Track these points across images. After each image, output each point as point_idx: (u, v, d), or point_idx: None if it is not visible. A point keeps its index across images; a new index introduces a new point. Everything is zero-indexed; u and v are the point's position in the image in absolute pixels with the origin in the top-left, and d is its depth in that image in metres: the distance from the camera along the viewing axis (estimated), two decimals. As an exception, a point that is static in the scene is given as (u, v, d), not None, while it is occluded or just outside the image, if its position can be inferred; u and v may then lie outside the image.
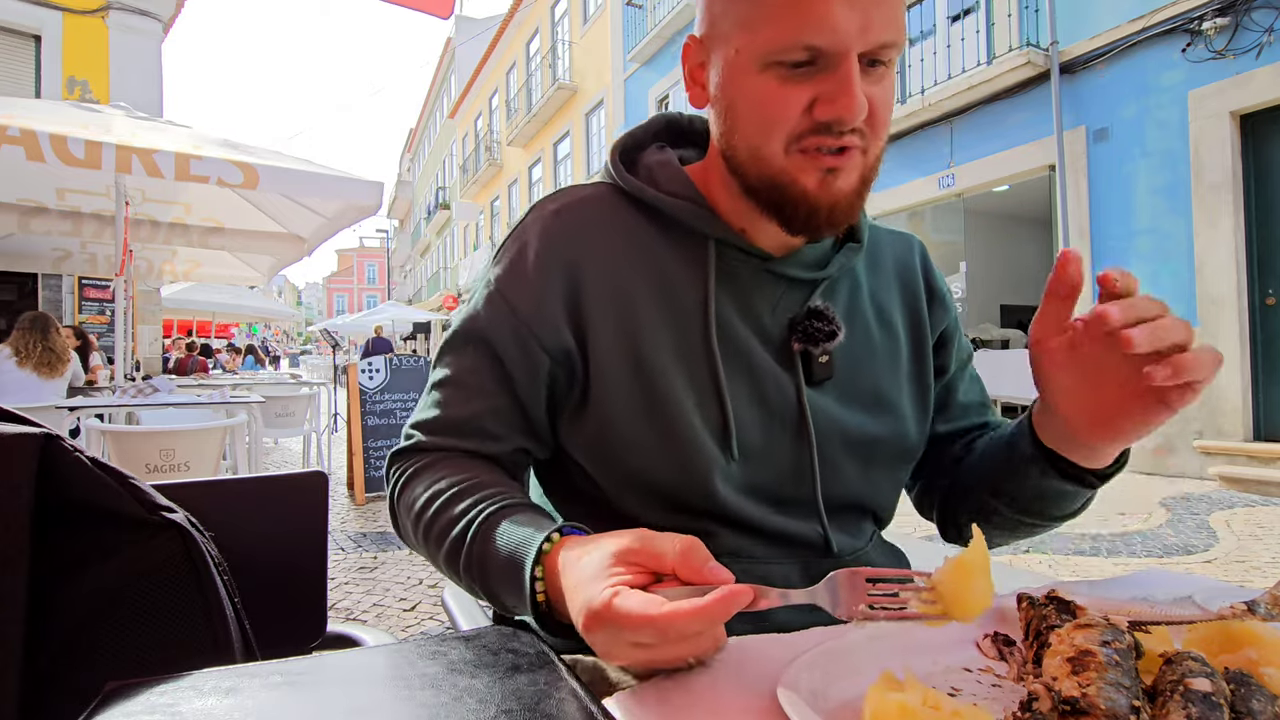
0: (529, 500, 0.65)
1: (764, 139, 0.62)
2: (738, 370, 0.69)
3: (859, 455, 0.72)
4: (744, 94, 0.62)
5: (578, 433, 0.70)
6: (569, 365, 0.69)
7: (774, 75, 0.60)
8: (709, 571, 0.47)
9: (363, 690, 0.41)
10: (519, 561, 0.55)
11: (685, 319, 0.69)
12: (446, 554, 0.62)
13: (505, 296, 0.69)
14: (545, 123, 17.54)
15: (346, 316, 25.72)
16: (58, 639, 0.54)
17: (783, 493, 0.70)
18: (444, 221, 28.32)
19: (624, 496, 0.69)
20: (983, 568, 0.45)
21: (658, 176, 0.73)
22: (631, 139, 0.79)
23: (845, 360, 0.73)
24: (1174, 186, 5.57)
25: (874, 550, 0.77)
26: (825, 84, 0.59)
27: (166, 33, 9.29)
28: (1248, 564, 3.28)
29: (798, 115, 0.60)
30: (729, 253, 0.70)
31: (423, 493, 0.66)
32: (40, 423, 0.55)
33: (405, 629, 2.68)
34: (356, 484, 5.00)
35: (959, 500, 0.80)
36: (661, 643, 0.44)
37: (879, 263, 0.81)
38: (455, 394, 0.70)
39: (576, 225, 0.70)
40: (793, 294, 0.72)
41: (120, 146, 3.03)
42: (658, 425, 0.66)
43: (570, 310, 0.68)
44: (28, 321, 4.45)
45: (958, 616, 0.46)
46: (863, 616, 0.47)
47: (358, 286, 63.73)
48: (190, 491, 0.76)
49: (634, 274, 0.69)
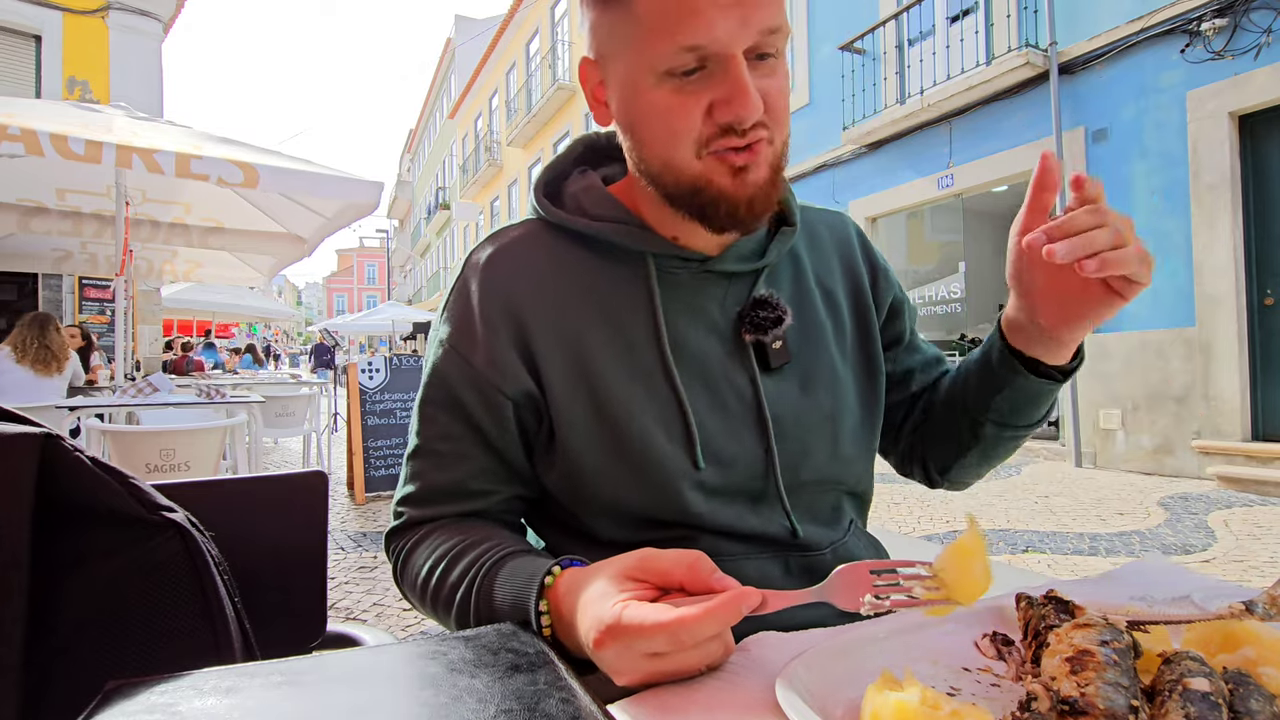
0: (524, 545, 0.66)
1: (673, 150, 0.63)
2: (695, 376, 0.69)
3: (826, 435, 0.73)
4: (644, 110, 0.63)
5: (550, 469, 0.70)
6: (533, 406, 0.69)
7: (669, 87, 0.61)
8: (716, 581, 0.47)
9: (363, 690, 0.41)
10: (523, 602, 0.55)
11: (634, 337, 0.69)
12: (457, 619, 0.63)
13: (459, 352, 0.69)
14: (545, 123, 17.53)
15: (346, 316, 25.72)
16: (58, 638, 0.54)
17: (752, 489, 0.70)
18: (444, 221, 28.31)
19: (598, 522, 0.70)
20: (980, 550, 0.48)
21: (584, 203, 0.73)
22: (554, 170, 0.79)
23: (800, 342, 0.74)
24: (1173, 187, 5.57)
25: (853, 541, 0.77)
26: (719, 88, 0.60)
27: (166, 33, 9.29)
28: (1246, 564, 3.28)
29: (699, 122, 0.61)
30: (667, 262, 0.71)
31: (422, 565, 0.67)
32: (40, 422, 0.55)
33: (405, 629, 2.68)
34: (356, 484, 5.00)
35: (938, 438, 0.83)
36: (675, 650, 0.44)
37: (817, 241, 0.82)
38: (431, 463, 0.70)
39: (511, 267, 0.71)
40: (737, 288, 0.73)
41: (120, 146, 3.03)
42: (623, 452, 0.67)
43: (523, 354, 0.68)
44: (28, 319, 4.48)
45: (961, 600, 0.48)
46: (870, 607, 0.48)
47: (358, 286, 63.68)
48: (190, 491, 0.75)
49: (576, 306, 0.69)
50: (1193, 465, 5.43)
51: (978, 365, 0.76)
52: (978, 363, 0.76)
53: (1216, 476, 5.13)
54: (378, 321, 18.56)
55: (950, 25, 7.34)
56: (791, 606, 0.49)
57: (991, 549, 3.66)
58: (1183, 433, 5.50)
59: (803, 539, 0.71)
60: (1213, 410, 5.35)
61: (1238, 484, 4.97)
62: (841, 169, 8.61)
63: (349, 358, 11.28)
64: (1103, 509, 4.47)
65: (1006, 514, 4.36)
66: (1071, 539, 3.77)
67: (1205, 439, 5.35)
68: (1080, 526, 4.03)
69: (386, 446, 5.13)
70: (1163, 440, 5.63)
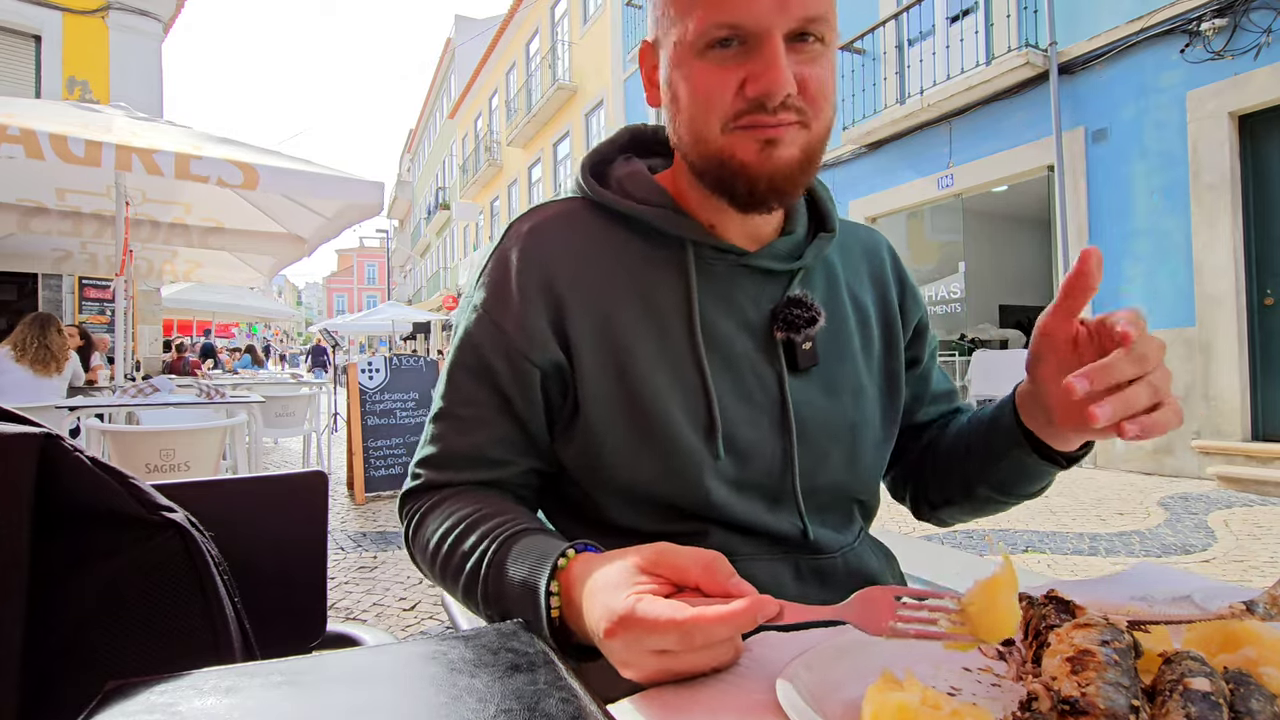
0: (539, 524, 0.65)
1: (703, 121, 0.64)
2: (723, 367, 0.70)
3: (844, 442, 0.73)
4: (684, 82, 0.65)
5: (568, 445, 0.70)
6: (560, 378, 0.69)
7: (710, 61, 0.63)
8: (733, 586, 0.47)
9: (363, 690, 0.41)
10: (534, 581, 0.55)
11: (668, 321, 0.69)
12: (464, 589, 0.63)
13: (492, 318, 0.69)
14: (545, 123, 17.54)
15: (346, 316, 25.73)
16: (57, 639, 0.54)
17: (770, 486, 0.70)
18: (444, 221, 28.30)
19: (614, 505, 0.70)
20: (1011, 588, 0.46)
21: (628, 186, 0.74)
22: (599, 154, 0.80)
23: (827, 347, 0.74)
24: (1172, 187, 5.57)
25: (863, 547, 0.77)
26: (754, 64, 0.61)
27: (166, 33, 9.30)
28: (1246, 564, 3.28)
29: (731, 95, 0.62)
30: (705, 252, 0.72)
31: (434, 532, 0.67)
32: (40, 422, 0.55)
33: (405, 628, 2.68)
34: (356, 484, 5.00)
35: (934, 480, 0.83)
36: (685, 649, 0.43)
37: (850, 254, 0.83)
38: (453, 426, 0.71)
39: (552, 241, 0.71)
40: (771, 285, 0.73)
41: (120, 146, 3.03)
42: (645, 433, 0.67)
43: (555, 326, 0.68)
44: (29, 319, 4.48)
45: (986, 638, 0.46)
46: (891, 634, 0.47)
47: (357, 286, 63.68)
48: (190, 491, 0.75)
49: (612, 285, 0.70)
50: (1193, 465, 5.43)
51: (985, 427, 0.75)
52: (985, 424, 0.75)
53: (1216, 476, 5.13)
54: (378, 321, 18.56)
55: (950, 25, 7.34)
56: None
57: (991, 549, 3.66)
58: (1183, 433, 5.50)
59: (814, 541, 0.71)
60: (1213, 410, 5.35)
61: (1238, 484, 4.97)
62: (841, 169, 8.62)
63: (349, 358, 11.30)
64: (1103, 509, 4.47)
65: (1006, 514, 4.36)
66: (1071, 539, 3.77)
67: (1205, 439, 5.35)
68: (1080, 526, 4.03)
69: (386, 446, 5.13)
70: (1163, 440, 5.63)
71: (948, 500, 0.82)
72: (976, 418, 0.79)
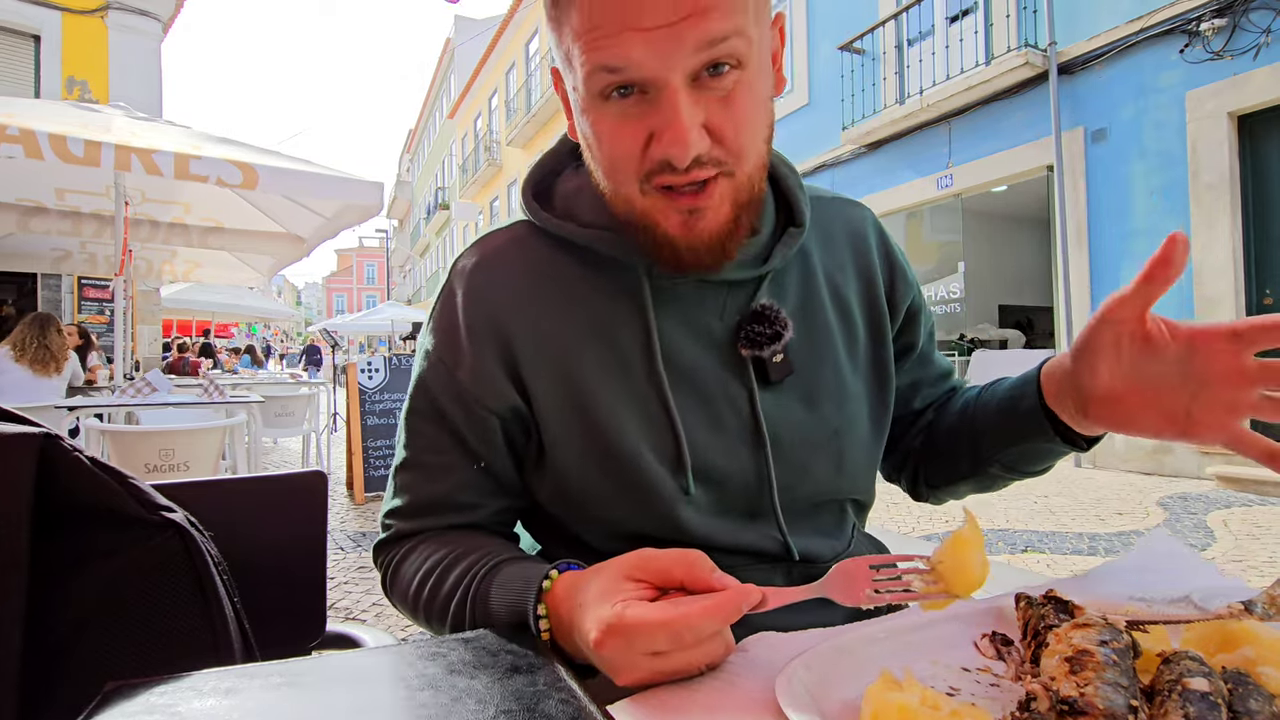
0: (518, 551, 0.64)
1: (617, 179, 0.58)
2: (689, 392, 0.66)
3: (828, 449, 0.69)
4: (591, 129, 0.58)
5: (541, 484, 0.69)
6: (521, 422, 0.67)
7: (610, 110, 0.55)
8: (716, 580, 0.47)
9: (363, 690, 0.41)
10: (521, 607, 0.54)
11: (628, 356, 0.65)
12: (452, 628, 0.62)
13: (444, 364, 0.66)
14: (545, 123, 17.52)
15: (346, 316, 25.72)
16: (57, 639, 0.54)
17: (746, 506, 0.68)
18: (443, 221, 28.30)
19: (593, 534, 0.69)
20: (977, 543, 0.49)
21: (575, 207, 0.69)
22: (543, 167, 0.74)
23: (804, 353, 0.69)
24: (1172, 187, 5.57)
25: (857, 549, 0.76)
26: (655, 117, 0.53)
27: (166, 33, 9.29)
28: (1245, 564, 3.28)
29: (639, 152, 0.55)
30: (661, 273, 0.66)
31: (413, 577, 0.65)
32: (39, 422, 0.55)
33: (405, 629, 2.68)
34: (356, 484, 5.00)
35: (935, 461, 0.81)
36: (676, 647, 0.44)
37: (831, 240, 0.76)
38: (419, 476, 0.68)
39: (498, 276, 0.67)
40: (737, 296, 0.68)
41: (120, 146, 3.03)
42: (613, 474, 0.64)
43: (509, 370, 0.65)
44: (29, 319, 4.48)
45: (958, 592, 0.48)
46: (870, 601, 0.48)
47: (357, 286, 63.62)
48: (190, 491, 0.75)
49: (565, 318, 0.65)
50: (1192, 465, 5.43)
51: (999, 407, 0.71)
52: (1000, 404, 0.71)
53: (1216, 476, 5.13)
54: (377, 321, 18.55)
55: (950, 25, 7.34)
56: (792, 607, 0.49)
57: (991, 549, 3.66)
58: (1182, 433, 5.50)
59: (799, 555, 0.69)
60: (1212, 410, 5.34)
61: (1237, 484, 4.97)
62: (841, 169, 8.61)
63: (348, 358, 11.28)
64: (1102, 509, 4.47)
65: (1006, 514, 4.36)
66: (1071, 539, 3.77)
67: (1204, 439, 5.35)
68: (1079, 526, 4.03)
69: (386, 446, 5.13)
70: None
71: (949, 480, 0.80)
72: (987, 396, 0.74)
